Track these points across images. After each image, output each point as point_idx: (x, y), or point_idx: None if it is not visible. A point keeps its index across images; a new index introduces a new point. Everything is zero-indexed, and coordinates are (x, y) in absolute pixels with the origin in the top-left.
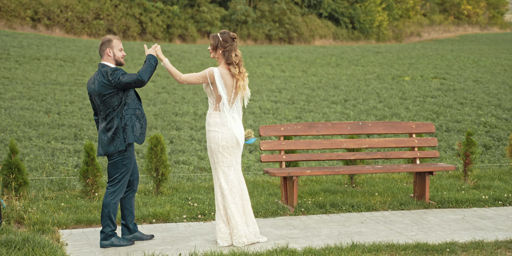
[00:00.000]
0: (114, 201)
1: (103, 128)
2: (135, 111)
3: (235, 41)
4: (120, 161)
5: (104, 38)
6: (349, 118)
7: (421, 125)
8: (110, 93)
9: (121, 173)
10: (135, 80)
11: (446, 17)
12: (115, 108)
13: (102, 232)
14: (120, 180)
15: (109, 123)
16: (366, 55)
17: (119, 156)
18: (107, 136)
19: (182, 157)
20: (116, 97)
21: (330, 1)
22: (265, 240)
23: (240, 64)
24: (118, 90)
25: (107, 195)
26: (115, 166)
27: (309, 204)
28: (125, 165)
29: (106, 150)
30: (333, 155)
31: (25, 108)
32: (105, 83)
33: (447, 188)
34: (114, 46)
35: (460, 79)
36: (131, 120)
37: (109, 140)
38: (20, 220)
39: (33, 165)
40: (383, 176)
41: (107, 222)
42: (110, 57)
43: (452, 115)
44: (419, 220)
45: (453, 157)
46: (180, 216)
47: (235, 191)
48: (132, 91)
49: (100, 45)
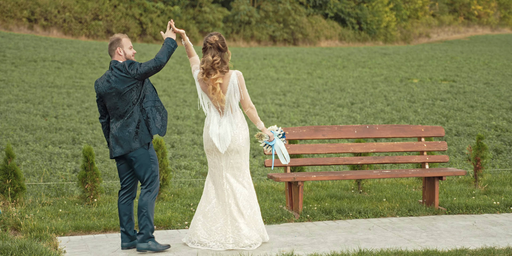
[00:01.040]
0: (151, 201)
1: (122, 125)
2: (155, 103)
3: (207, 47)
4: (146, 161)
5: (112, 38)
6: (356, 122)
7: (430, 129)
8: (130, 86)
9: (152, 171)
10: (154, 65)
11: (455, 18)
12: (135, 102)
13: (140, 233)
14: (154, 179)
15: (129, 118)
16: (373, 56)
17: (144, 156)
18: (128, 131)
19: (184, 162)
20: (136, 90)
21: (336, 1)
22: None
23: (211, 69)
24: (137, 82)
25: (143, 195)
26: (142, 166)
27: (315, 210)
28: (153, 162)
29: (130, 146)
30: (340, 160)
31: (21, 112)
32: (124, 76)
33: (457, 194)
34: (124, 45)
35: (470, 81)
36: (151, 112)
37: (132, 135)
38: (17, 227)
39: (30, 170)
40: (391, 181)
41: (145, 223)
42: (121, 56)
43: (462, 118)
44: (428, 226)
45: (463, 162)
46: (181, 223)
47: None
48: (149, 84)
49: (109, 45)
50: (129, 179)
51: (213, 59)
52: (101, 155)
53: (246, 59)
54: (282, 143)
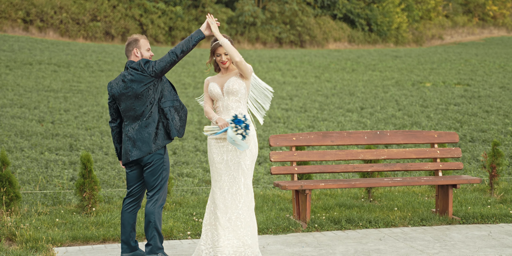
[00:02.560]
0: (159, 210)
1: (140, 126)
2: (173, 103)
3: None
4: (159, 166)
5: (130, 38)
6: (366, 127)
7: (444, 135)
8: (147, 84)
9: (162, 179)
10: (168, 59)
11: (470, 19)
12: (152, 101)
13: (148, 244)
14: (162, 187)
15: (148, 118)
16: (384, 59)
17: (159, 161)
18: (148, 132)
19: (186, 169)
20: (153, 88)
21: (345, 1)
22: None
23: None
24: (154, 80)
25: (149, 203)
26: (154, 171)
27: (323, 220)
28: (166, 169)
29: (150, 147)
30: (349, 167)
31: (16, 117)
32: (141, 74)
33: (471, 203)
34: (142, 46)
35: (485, 85)
36: (170, 113)
37: (151, 136)
38: (12, 237)
39: (25, 178)
40: (402, 189)
41: (153, 234)
42: (138, 57)
43: (477, 124)
44: (442, 236)
45: (478, 169)
46: (184, 233)
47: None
48: (167, 83)
49: (126, 45)
50: (138, 187)
51: None
52: (100, 162)
53: (251, 62)
54: (235, 135)
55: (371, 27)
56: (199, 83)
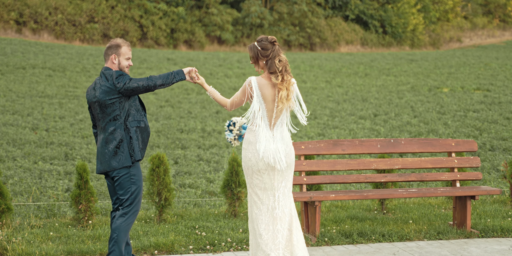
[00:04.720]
0: (125, 225)
1: (103, 140)
2: (139, 123)
3: (275, 45)
4: (127, 180)
5: (113, 42)
6: (379, 135)
7: (462, 143)
8: (112, 99)
9: (132, 193)
10: (144, 84)
11: (490, 20)
12: (116, 118)
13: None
14: (132, 202)
15: (110, 135)
16: (398, 63)
17: (125, 175)
18: (108, 149)
19: (188, 179)
20: (119, 105)
21: (358, 2)
22: None
23: (285, 71)
24: (122, 97)
25: (117, 217)
26: (122, 186)
27: (334, 233)
28: (134, 182)
29: (108, 165)
30: (361, 177)
31: (8, 124)
32: (109, 88)
33: (491, 215)
34: (122, 54)
35: (506, 90)
36: (135, 134)
37: (111, 154)
38: (3, 252)
39: (17, 189)
40: (418, 201)
41: (114, 248)
42: (115, 64)
43: (497, 131)
44: (460, 251)
45: (498, 180)
46: (186, 247)
47: (262, 218)
48: (137, 101)
49: (106, 48)
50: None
51: (286, 59)
52: None
53: None
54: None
55: (385, 29)
56: (202, 89)
